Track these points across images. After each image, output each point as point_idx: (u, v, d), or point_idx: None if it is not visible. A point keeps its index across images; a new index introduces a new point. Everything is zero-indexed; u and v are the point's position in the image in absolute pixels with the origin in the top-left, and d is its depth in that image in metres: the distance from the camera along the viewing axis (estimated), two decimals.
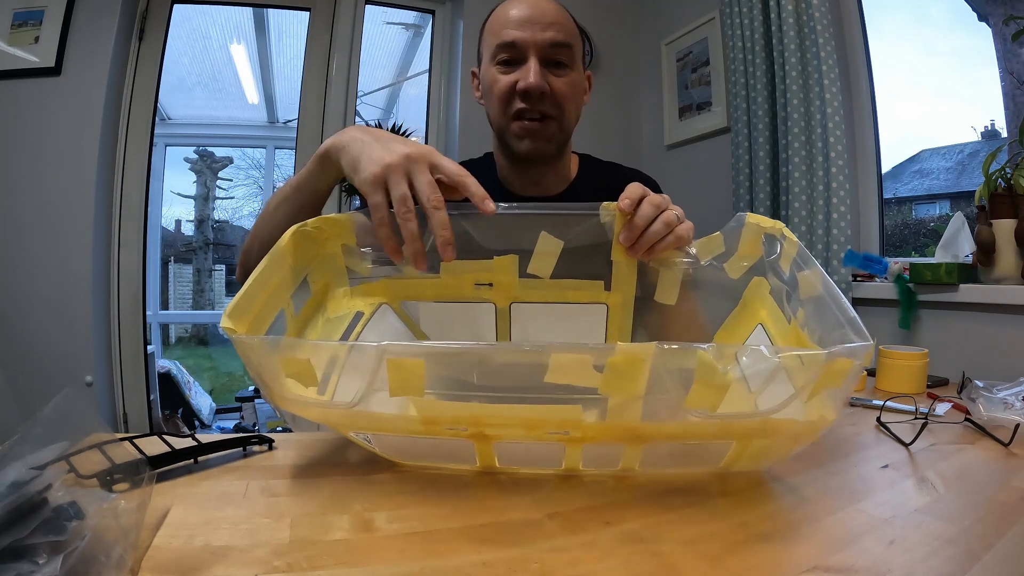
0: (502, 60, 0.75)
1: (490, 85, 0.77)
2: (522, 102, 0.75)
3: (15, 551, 0.26)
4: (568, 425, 0.40)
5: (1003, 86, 1.29)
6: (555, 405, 0.38)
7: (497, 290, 0.64)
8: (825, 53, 1.36)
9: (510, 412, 0.40)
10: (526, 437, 0.42)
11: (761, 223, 0.57)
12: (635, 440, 0.42)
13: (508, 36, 0.74)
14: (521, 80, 0.74)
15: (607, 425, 0.39)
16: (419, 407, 0.40)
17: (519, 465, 0.48)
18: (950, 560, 0.34)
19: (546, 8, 0.75)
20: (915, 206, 1.87)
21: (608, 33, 2.18)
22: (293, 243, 0.53)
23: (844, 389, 0.37)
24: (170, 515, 0.39)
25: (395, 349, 0.37)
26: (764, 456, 0.45)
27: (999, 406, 0.64)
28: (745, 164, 1.59)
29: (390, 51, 2.80)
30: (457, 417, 0.41)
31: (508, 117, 0.76)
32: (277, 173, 3.82)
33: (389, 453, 0.49)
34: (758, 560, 0.34)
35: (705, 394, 0.36)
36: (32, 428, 0.33)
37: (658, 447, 0.44)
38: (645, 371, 0.35)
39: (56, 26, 1.62)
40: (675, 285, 0.61)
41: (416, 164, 0.52)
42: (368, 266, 0.61)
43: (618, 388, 0.36)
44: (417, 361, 0.37)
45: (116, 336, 1.78)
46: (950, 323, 1.14)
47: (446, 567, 0.33)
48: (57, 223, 1.64)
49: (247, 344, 0.40)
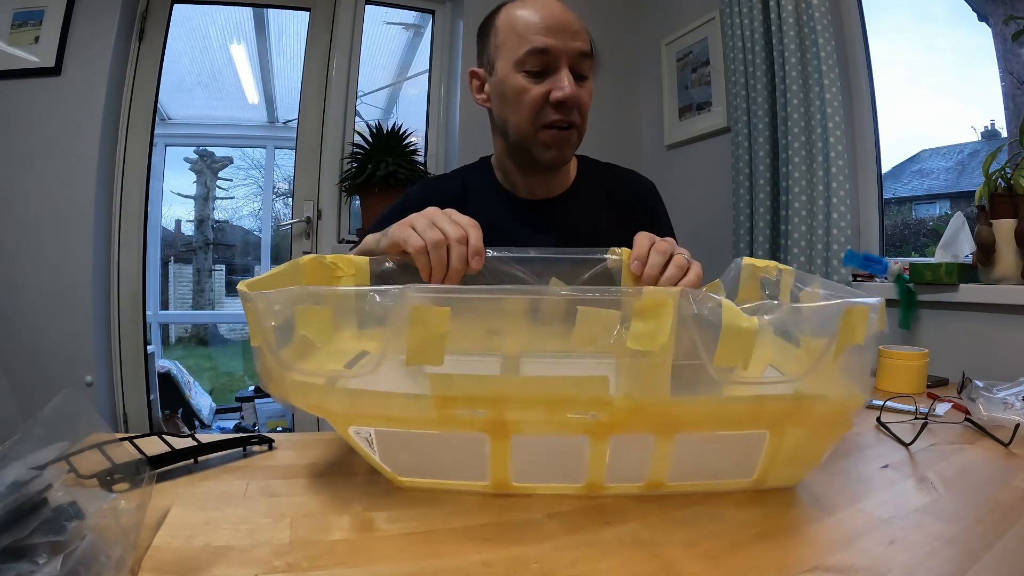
0: (532, 68, 0.73)
1: (517, 93, 0.74)
2: (556, 112, 0.74)
3: (15, 551, 0.26)
4: (595, 404, 0.38)
5: (1003, 86, 1.29)
6: (582, 376, 0.37)
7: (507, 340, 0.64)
8: (825, 53, 1.36)
9: (533, 385, 0.38)
10: (548, 423, 0.39)
11: (755, 265, 0.59)
12: (665, 426, 0.40)
13: (540, 43, 0.72)
14: (556, 90, 0.72)
15: (636, 404, 0.37)
16: (435, 383, 0.37)
17: (536, 482, 0.44)
18: (950, 560, 0.34)
19: (571, 16, 0.75)
20: (915, 206, 1.87)
21: (608, 33, 2.18)
22: (311, 266, 0.54)
23: (866, 351, 0.38)
24: (170, 515, 0.39)
25: (418, 297, 0.36)
26: (799, 459, 0.44)
27: (999, 406, 0.64)
28: (745, 164, 1.59)
29: (390, 51, 2.80)
30: (474, 396, 0.38)
31: (537, 126, 0.75)
32: (277, 173, 3.82)
33: (391, 460, 0.45)
34: (758, 560, 0.34)
35: (733, 345, 0.35)
36: (32, 428, 0.33)
37: (688, 449, 0.41)
38: (671, 313, 0.35)
39: (56, 26, 1.62)
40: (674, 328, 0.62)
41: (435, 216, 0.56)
42: None
43: (646, 337, 0.35)
44: (442, 310, 0.35)
45: (116, 336, 1.78)
46: (950, 323, 1.14)
47: (446, 567, 0.33)
48: (57, 223, 1.64)
49: (262, 300, 0.38)
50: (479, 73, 0.82)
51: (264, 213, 4.07)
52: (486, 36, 0.80)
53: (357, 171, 1.82)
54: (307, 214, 1.95)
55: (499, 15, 0.78)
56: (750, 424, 0.40)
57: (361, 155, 1.85)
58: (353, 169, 1.85)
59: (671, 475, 0.43)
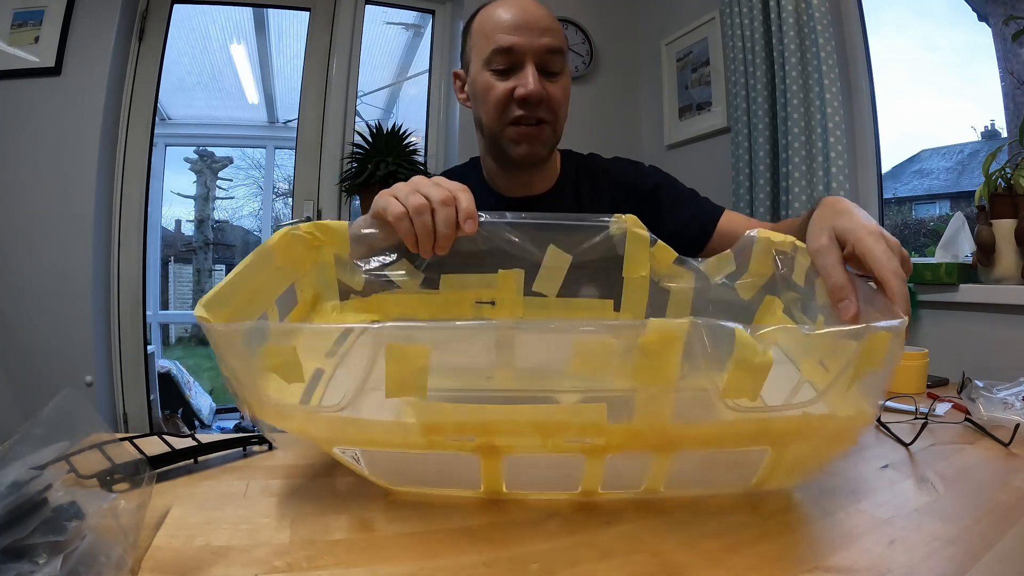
0: (498, 66, 0.74)
1: (484, 91, 0.76)
2: (520, 108, 0.74)
3: (15, 551, 0.26)
4: (591, 430, 0.35)
5: (1003, 86, 1.29)
6: (578, 405, 0.35)
7: (499, 309, 0.60)
8: (825, 53, 1.36)
9: (525, 414, 0.35)
10: (542, 448, 0.37)
11: (772, 239, 0.54)
12: (664, 446, 0.38)
13: (504, 41, 0.73)
14: (520, 87, 0.73)
15: (634, 428, 0.35)
16: (419, 411, 0.35)
17: (529, 489, 0.43)
18: (950, 560, 0.34)
19: (539, 12, 0.75)
20: (915, 206, 1.87)
21: (608, 33, 2.18)
22: (283, 244, 0.50)
23: (883, 374, 0.35)
24: (170, 515, 0.39)
25: (394, 333, 0.33)
26: (799, 469, 0.42)
27: (999, 406, 0.64)
28: (745, 164, 1.59)
29: (390, 51, 2.80)
30: (463, 423, 0.36)
31: (504, 123, 0.76)
32: (277, 173, 3.82)
33: (380, 476, 0.43)
34: (758, 560, 0.34)
35: (743, 378, 0.33)
36: (32, 428, 0.33)
37: (686, 462, 0.40)
38: (679, 351, 0.32)
39: (56, 26, 1.62)
40: (686, 305, 0.59)
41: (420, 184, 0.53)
42: (361, 280, 0.57)
43: (650, 374, 0.33)
44: (420, 348, 0.32)
45: (116, 336, 1.78)
46: (950, 323, 1.14)
47: (446, 567, 0.33)
48: (57, 223, 1.64)
49: (221, 333, 0.35)
50: (460, 74, 0.84)
51: (264, 213, 4.08)
52: (464, 38, 0.82)
53: (357, 171, 1.83)
54: (307, 214, 1.95)
55: (476, 17, 0.79)
56: (753, 443, 0.39)
57: (361, 155, 1.85)
58: (353, 169, 1.85)
59: (668, 484, 0.42)
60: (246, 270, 0.45)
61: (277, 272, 0.50)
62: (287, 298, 0.52)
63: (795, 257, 0.52)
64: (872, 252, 0.42)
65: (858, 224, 0.44)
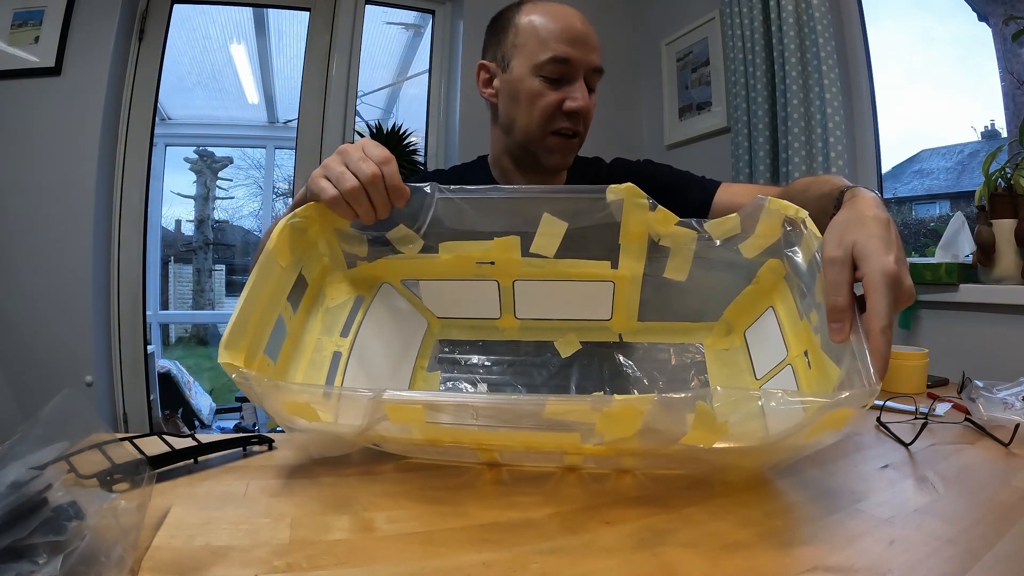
0: (551, 75, 0.75)
1: (532, 96, 0.76)
2: (566, 120, 0.76)
3: (15, 551, 0.26)
4: (568, 449, 0.44)
5: (1003, 86, 1.29)
6: (556, 433, 0.41)
7: (499, 268, 0.62)
8: (825, 53, 1.36)
9: (511, 438, 0.44)
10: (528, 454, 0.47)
11: (784, 209, 0.52)
12: (634, 458, 0.47)
13: (563, 52, 0.74)
14: (570, 100, 0.75)
15: (605, 448, 0.42)
16: (423, 431, 0.43)
17: (521, 462, 0.50)
18: (950, 560, 0.34)
19: (591, 30, 0.77)
20: (915, 206, 1.87)
21: (608, 33, 2.18)
22: (285, 240, 0.53)
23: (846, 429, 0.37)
24: (170, 515, 0.39)
25: (392, 397, 0.39)
26: (766, 461, 0.46)
27: (999, 406, 0.64)
28: (745, 164, 1.59)
29: (390, 51, 2.80)
30: (460, 440, 0.44)
31: (546, 131, 0.77)
32: (277, 173, 3.82)
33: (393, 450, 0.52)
34: (758, 560, 0.34)
35: (701, 435, 0.37)
36: (32, 428, 0.33)
37: (659, 458, 0.46)
38: (640, 419, 0.37)
39: (56, 26, 1.62)
40: (687, 263, 0.59)
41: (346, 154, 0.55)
42: (365, 247, 0.60)
43: (613, 431, 0.39)
44: (415, 407, 0.39)
45: (116, 336, 1.78)
46: (950, 323, 1.14)
47: (446, 567, 0.33)
48: (57, 223, 1.63)
49: (247, 384, 0.41)
50: (489, 67, 0.82)
51: (264, 213, 4.07)
52: (502, 32, 0.80)
53: None
54: None
55: (519, 14, 0.78)
56: (719, 458, 0.44)
57: None
58: None
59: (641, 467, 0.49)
60: (253, 289, 0.47)
61: (283, 273, 0.52)
62: (298, 282, 0.56)
63: (804, 234, 0.50)
64: (874, 300, 0.39)
65: (877, 257, 0.40)
